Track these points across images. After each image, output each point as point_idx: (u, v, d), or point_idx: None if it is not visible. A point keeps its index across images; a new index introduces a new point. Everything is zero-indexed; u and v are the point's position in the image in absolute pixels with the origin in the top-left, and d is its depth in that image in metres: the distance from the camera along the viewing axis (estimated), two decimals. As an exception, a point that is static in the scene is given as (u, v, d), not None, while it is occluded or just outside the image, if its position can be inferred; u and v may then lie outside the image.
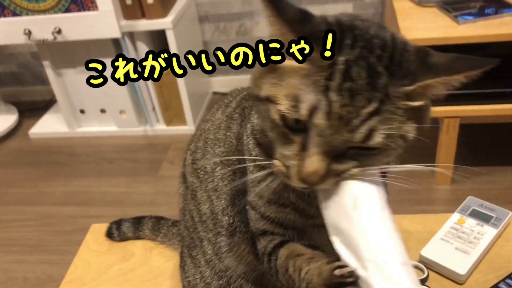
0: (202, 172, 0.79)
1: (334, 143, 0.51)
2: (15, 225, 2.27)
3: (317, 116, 0.50)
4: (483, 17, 1.84)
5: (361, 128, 0.50)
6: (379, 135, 0.51)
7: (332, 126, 0.50)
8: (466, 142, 2.25)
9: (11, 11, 2.40)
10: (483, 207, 1.01)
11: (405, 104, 0.52)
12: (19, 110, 3.10)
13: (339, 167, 0.54)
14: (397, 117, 0.52)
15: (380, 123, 0.50)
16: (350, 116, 0.50)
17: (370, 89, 0.50)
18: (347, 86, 0.50)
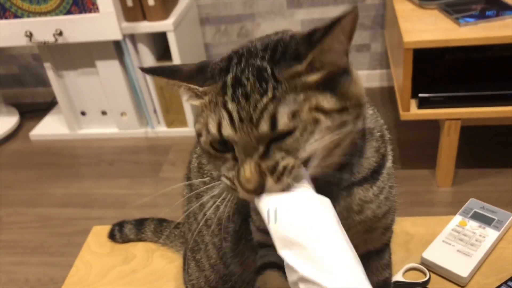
0: (208, 177, 0.79)
1: (250, 144, 0.53)
2: (16, 227, 2.27)
3: (223, 129, 0.54)
4: (484, 19, 1.84)
5: (262, 118, 0.52)
6: (283, 117, 0.52)
7: (239, 130, 0.53)
8: (467, 144, 2.25)
9: (12, 13, 2.41)
10: (484, 209, 1.01)
11: (303, 81, 0.53)
12: (20, 112, 3.11)
13: (268, 163, 0.54)
14: (298, 95, 0.53)
15: (279, 107, 0.52)
16: (250, 114, 0.52)
17: (259, 85, 0.53)
18: (240, 92, 0.53)
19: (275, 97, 0.52)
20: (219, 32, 2.90)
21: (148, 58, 2.58)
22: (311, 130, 0.53)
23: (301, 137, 0.53)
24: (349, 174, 0.63)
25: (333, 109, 0.54)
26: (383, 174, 0.67)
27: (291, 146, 0.54)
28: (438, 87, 1.95)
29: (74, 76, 2.69)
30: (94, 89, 2.71)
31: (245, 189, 0.54)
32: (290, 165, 0.54)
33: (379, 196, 0.66)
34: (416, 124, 2.23)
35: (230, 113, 0.53)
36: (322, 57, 0.53)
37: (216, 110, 0.55)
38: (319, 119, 0.53)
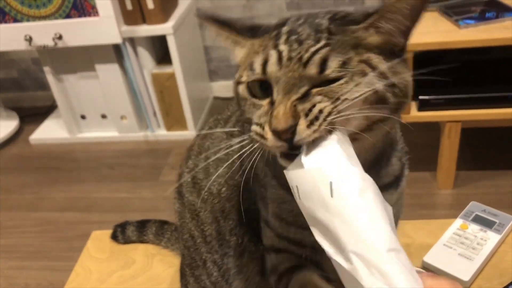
0: (206, 193, 0.78)
1: (292, 82, 0.53)
2: (16, 231, 2.26)
3: (269, 65, 0.54)
4: (484, 21, 1.84)
5: (312, 59, 0.52)
6: (333, 62, 0.52)
7: (285, 67, 0.53)
8: (468, 146, 2.24)
9: (12, 17, 2.41)
10: (486, 212, 1.00)
11: (358, 40, 0.54)
12: (19, 116, 3.11)
13: (305, 105, 0.52)
14: (352, 50, 0.53)
15: (331, 53, 0.52)
16: (300, 55, 0.53)
17: (315, 34, 0.54)
18: (294, 38, 0.55)
19: (328, 45, 0.53)
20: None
21: (148, 62, 2.58)
22: (356, 82, 0.52)
23: (344, 86, 0.52)
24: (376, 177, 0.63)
25: (383, 72, 0.53)
26: (403, 182, 0.69)
27: (331, 93, 0.52)
28: (438, 89, 1.94)
29: (74, 79, 2.69)
30: (94, 93, 2.71)
31: (275, 130, 0.52)
32: (325, 110, 0.52)
33: (398, 202, 0.69)
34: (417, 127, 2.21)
35: (280, 52, 0.54)
36: (380, 23, 0.54)
37: (265, 51, 0.55)
38: (366, 72, 0.53)
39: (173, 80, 2.58)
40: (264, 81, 0.55)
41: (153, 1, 2.39)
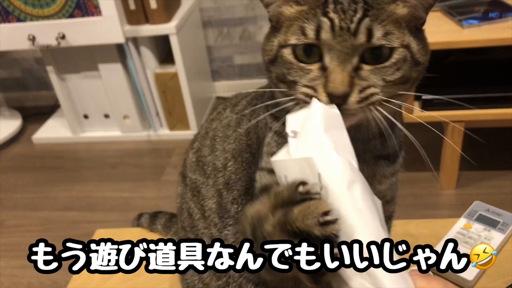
0: (210, 168, 0.79)
1: (345, 51, 0.58)
2: (18, 230, 2.27)
3: (323, 32, 0.58)
4: (488, 21, 1.83)
5: (359, 29, 0.57)
6: (377, 31, 0.58)
7: (338, 36, 0.57)
8: (471, 146, 2.24)
9: (15, 17, 2.41)
10: (489, 212, 1.00)
11: (390, 11, 0.60)
12: (23, 115, 3.11)
13: (362, 82, 0.58)
14: (388, 21, 0.59)
15: (373, 22, 0.58)
16: (348, 25, 0.57)
17: (354, 3, 0.59)
18: (339, 7, 0.59)
19: (367, 16, 0.58)
20: (221, 35, 2.90)
21: (150, 61, 2.58)
22: (399, 66, 0.59)
23: (391, 69, 0.59)
24: (381, 145, 0.69)
25: (415, 56, 0.61)
26: (399, 160, 0.74)
27: (379, 73, 0.59)
28: (441, 89, 1.94)
29: (77, 79, 2.70)
30: (97, 92, 2.71)
31: (331, 93, 0.57)
32: (375, 97, 0.59)
33: (392, 178, 0.73)
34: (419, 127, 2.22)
35: (332, 20, 0.58)
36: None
37: (315, 18, 0.59)
38: (407, 57, 0.60)
39: (176, 80, 2.58)
40: (310, 46, 0.59)
41: (156, 1, 2.40)
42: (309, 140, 0.54)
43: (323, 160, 0.52)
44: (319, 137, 0.54)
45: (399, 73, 0.59)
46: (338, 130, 0.55)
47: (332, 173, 0.51)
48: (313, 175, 0.52)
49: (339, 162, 0.52)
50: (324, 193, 0.51)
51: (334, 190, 0.51)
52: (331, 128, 0.54)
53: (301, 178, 0.52)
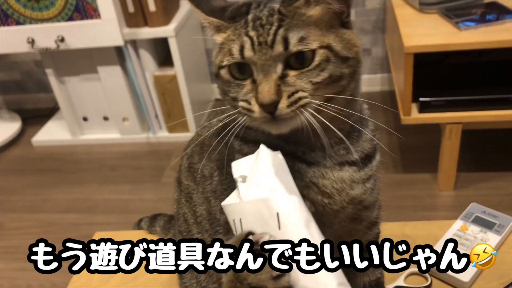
0: (199, 175, 0.80)
1: (268, 63, 0.61)
2: (18, 232, 2.27)
3: (245, 51, 0.62)
4: (485, 24, 1.84)
5: (276, 40, 0.61)
6: (292, 38, 0.61)
7: (258, 52, 0.62)
8: (469, 148, 2.25)
9: (14, 20, 2.42)
10: (486, 213, 1.01)
11: (305, 15, 0.63)
12: (22, 118, 3.12)
13: (288, 88, 0.61)
14: (304, 25, 0.62)
15: (287, 30, 0.61)
16: (266, 38, 0.62)
17: (271, 17, 0.63)
18: (258, 23, 0.63)
19: (282, 25, 0.61)
20: (220, 37, 2.91)
21: (149, 64, 2.59)
22: (323, 67, 0.61)
23: (315, 71, 0.61)
24: (345, 151, 0.69)
25: (340, 53, 0.62)
26: (372, 164, 0.72)
27: (305, 77, 0.61)
28: (439, 91, 1.95)
29: (76, 82, 2.70)
30: (96, 95, 2.72)
31: (262, 103, 0.61)
32: (303, 100, 0.61)
33: (366, 184, 0.71)
34: (417, 128, 2.23)
35: (251, 38, 0.62)
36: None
37: (239, 38, 0.64)
38: (330, 58, 0.61)
39: (175, 82, 2.59)
40: (241, 64, 0.64)
41: (155, 4, 2.40)
42: (261, 183, 0.57)
43: (279, 200, 0.55)
44: (271, 180, 0.56)
45: (325, 74, 0.62)
46: (285, 174, 0.59)
47: (290, 213, 0.54)
48: (270, 215, 0.54)
49: (295, 202, 0.56)
50: (282, 231, 0.53)
51: (293, 229, 0.54)
52: (279, 172, 0.58)
53: (256, 219, 0.55)
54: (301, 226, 0.54)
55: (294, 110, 0.61)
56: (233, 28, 0.66)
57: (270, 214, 0.54)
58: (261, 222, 0.54)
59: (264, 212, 0.54)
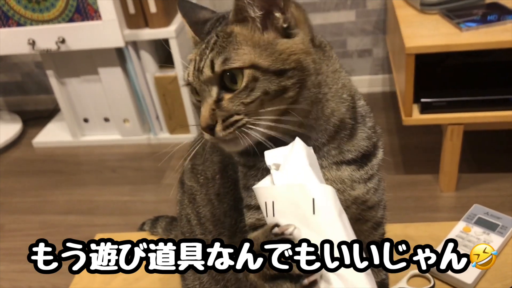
0: (202, 177, 0.80)
1: (203, 88, 0.63)
2: (19, 234, 2.27)
3: (189, 76, 0.65)
4: (486, 24, 1.84)
5: (204, 65, 0.62)
6: (217, 60, 0.61)
7: (195, 77, 0.63)
8: (470, 149, 2.24)
9: (15, 22, 2.42)
10: (488, 215, 1.00)
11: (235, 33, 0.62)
12: (23, 119, 3.11)
13: (221, 113, 0.61)
14: (231, 45, 0.61)
15: (216, 55, 0.61)
16: (199, 63, 0.63)
17: (209, 42, 0.63)
18: (203, 47, 0.64)
19: (213, 49, 0.62)
20: (221, 38, 2.91)
21: (150, 65, 2.58)
22: (252, 87, 0.60)
23: (244, 93, 0.60)
24: (337, 151, 0.67)
25: (270, 68, 0.59)
26: (373, 162, 0.70)
27: (238, 99, 0.60)
28: (440, 92, 1.94)
29: (77, 83, 2.70)
30: (97, 96, 2.71)
31: (201, 127, 0.63)
32: (240, 122, 0.61)
33: (367, 183, 0.69)
34: (419, 129, 2.23)
35: (195, 62, 0.64)
36: (238, 15, 0.62)
37: (189, 62, 0.66)
38: (258, 77, 0.59)
39: (175, 84, 2.59)
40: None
41: (156, 5, 2.40)
42: (296, 172, 0.57)
43: (315, 188, 0.55)
44: (305, 169, 0.57)
45: (256, 93, 0.60)
46: (316, 167, 0.59)
47: (325, 200, 0.54)
48: (305, 200, 0.54)
49: (330, 191, 0.56)
50: (316, 217, 0.53)
51: (327, 216, 0.54)
52: (312, 164, 0.58)
53: (290, 203, 0.55)
54: (335, 214, 0.54)
55: (232, 132, 0.61)
56: (199, 46, 0.65)
57: (305, 199, 0.54)
58: (295, 207, 0.54)
59: (299, 197, 0.54)
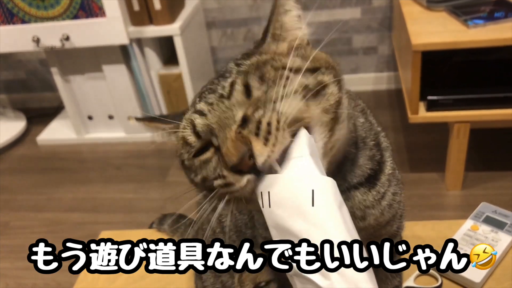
0: None
1: (223, 117, 0.54)
2: (23, 231, 2.27)
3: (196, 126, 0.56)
4: (493, 21, 1.82)
5: (234, 87, 0.55)
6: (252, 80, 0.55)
7: (211, 114, 0.55)
8: (477, 147, 2.23)
9: (20, 19, 2.41)
10: (497, 213, 0.99)
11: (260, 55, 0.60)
12: (27, 117, 3.12)
13: (250, 126, 0.52)
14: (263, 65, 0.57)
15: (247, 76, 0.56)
16: (219, 93, 0.56)
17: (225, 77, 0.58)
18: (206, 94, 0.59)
19: (239, 72, 0.56)
20: (225, 35, 2.90)
21: (155, 62, 2.58)
22: (283, 84, 0.54)
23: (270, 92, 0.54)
24: (342, 180, 0.63)
25: (301, 67, 0.56)
26: (382, 180, 0.66)
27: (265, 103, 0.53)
28: (447, 89, 1.93)
29: (81, 80, 2.70)
30: (101, 94, 2.71)
31: (233, 165, 0.51)
32: (273, 120, 0.51)
33: (381, 202, 0.66)
34: (425, 127, 2.21)
35: (200, 110, 0.57)
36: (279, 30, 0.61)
37: (188, 123, 0.58)
38: (288, 75, 0.54)
39: (180, 81, 2.58)
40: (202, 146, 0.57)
41: (160, 2, 2.39)
42: (296, 160, 0.53)
43: (315, 178, 0.52)
44: (306, 159, 0.53)
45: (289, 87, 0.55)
46: (317, 158, 0.55)
47: (326, 192, 0.52)
48: (304, 191, 0.51)
49: (331, 183, 0.53)
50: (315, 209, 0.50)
51: (327, 209, 0.51)
52: (314, 155, 0.54)
53: (288, 194, 0.51)
54: (335, 207, 0.51)
55: (276, 141, 0.51)
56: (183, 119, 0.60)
57: (304, 190, 0.51)
58: (293, 198, 0.51)
59: (298, 187, 0.51)
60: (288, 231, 0.51)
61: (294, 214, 0.51)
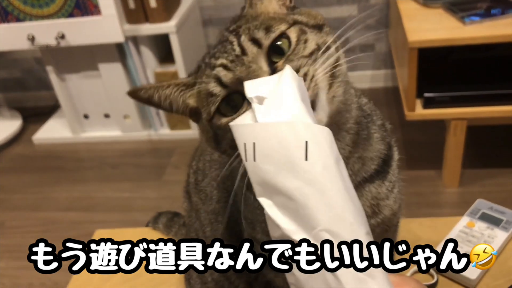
0: (203, 194, 0.79)
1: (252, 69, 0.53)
2: (19, 231, 2.26)
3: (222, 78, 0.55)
4: (490, 18, 1.82)
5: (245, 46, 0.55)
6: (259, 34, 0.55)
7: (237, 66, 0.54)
8: (474, 144, 2.22)
9: (14, 17, 2.40)
10: (493, 210, 0.99)
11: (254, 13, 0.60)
12: (23, 116, 3.11)
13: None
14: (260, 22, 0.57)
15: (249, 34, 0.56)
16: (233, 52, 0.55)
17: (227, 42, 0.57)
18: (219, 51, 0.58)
19: (240, 36, 0.56)
20: (221, 33, 2.89)
21: (151, 61, 2.57)
22: (304, 39, 0.55)
23: (300, 47, 0.54)
24: (360, 164, 0.61)
25: (309, 23, 0.57)
26: (393, 166, 0.66)
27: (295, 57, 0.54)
28: (443, 86, 1.93)
29: (77, 79, 2.69)
30: (97, 92, 2.70)
31: None
32: (310, 72, 0.52)
33: (393, 191, 0.66)
34: (422, 124, 2.21)
35: (222, 63, 0.55)
36: None
37: (209, 77, 0.56)
38: (305, 29, 0.56)
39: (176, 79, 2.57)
40: (227, 98, 0.55)
41: (156, 0, 2.39)
42: (284, 107, 0.46)
43: (309, 127, 0.45)
44: (296, 104, 0.46)
45: (311, 44, 0.55)
46: (308, 103, 0.49)
47: (321, 143, 0.45)
48: (296, 142, 0.44)
49: (327, 133, 0.45)
50: (309, 164, 0.44)
51: (323, 163, 0.44)
52: (304, 99, 0.48)
53: (276, 145, 0.45)
54: (332, 162, 0.44)
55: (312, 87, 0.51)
56: (198, 76, 0.60)
57: (296, 141, 0.44)
58: (282, 150, 0.44)
59: (288, 137, 0.44)
60: (276, 189, 0.45)
61: (283, 169, 0.44)
